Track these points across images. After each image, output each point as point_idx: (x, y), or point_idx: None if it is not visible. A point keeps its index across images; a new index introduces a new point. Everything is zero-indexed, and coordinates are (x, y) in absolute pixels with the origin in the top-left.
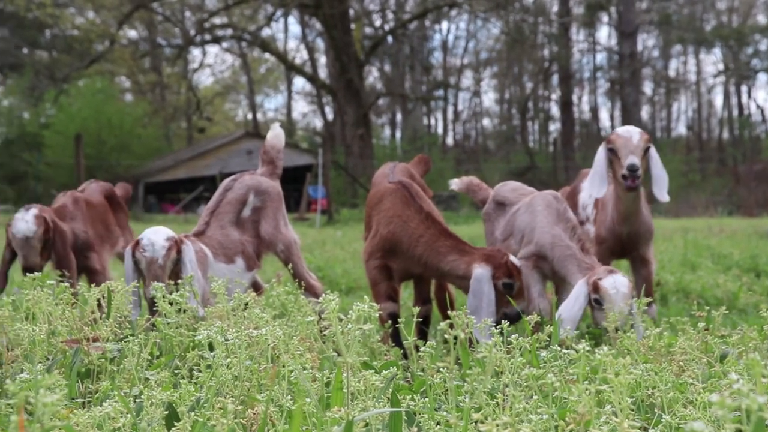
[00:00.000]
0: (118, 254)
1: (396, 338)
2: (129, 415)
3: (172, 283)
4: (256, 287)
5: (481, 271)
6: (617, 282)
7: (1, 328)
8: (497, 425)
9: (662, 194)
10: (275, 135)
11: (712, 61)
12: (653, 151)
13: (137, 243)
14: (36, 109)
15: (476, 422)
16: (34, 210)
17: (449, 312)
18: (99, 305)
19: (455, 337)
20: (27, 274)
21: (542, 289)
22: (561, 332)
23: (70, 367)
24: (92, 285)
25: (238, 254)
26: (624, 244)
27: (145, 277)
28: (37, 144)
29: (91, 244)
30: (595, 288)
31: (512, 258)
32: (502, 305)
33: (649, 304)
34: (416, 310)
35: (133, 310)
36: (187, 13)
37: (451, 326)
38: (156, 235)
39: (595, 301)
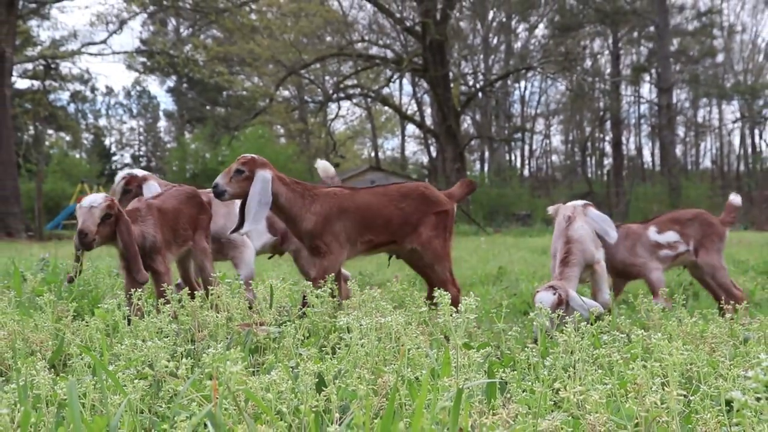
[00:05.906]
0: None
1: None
2: (289, 381)
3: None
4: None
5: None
6: (541, 298)
7: (194, 315)
8: (573, 392)
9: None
10: (323, 167)
11: (731, 110)
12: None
13: None
14: (215, 151)
15: (555, 390)
16: (103, 195)
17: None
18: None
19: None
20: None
21: (606, 286)
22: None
23: (243, 345)
24: (157, 284)
25: None
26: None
27: None
28: (215, 177)
29: (158, 247)
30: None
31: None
32: None
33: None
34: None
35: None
36: (327, 77)
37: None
38: None
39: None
